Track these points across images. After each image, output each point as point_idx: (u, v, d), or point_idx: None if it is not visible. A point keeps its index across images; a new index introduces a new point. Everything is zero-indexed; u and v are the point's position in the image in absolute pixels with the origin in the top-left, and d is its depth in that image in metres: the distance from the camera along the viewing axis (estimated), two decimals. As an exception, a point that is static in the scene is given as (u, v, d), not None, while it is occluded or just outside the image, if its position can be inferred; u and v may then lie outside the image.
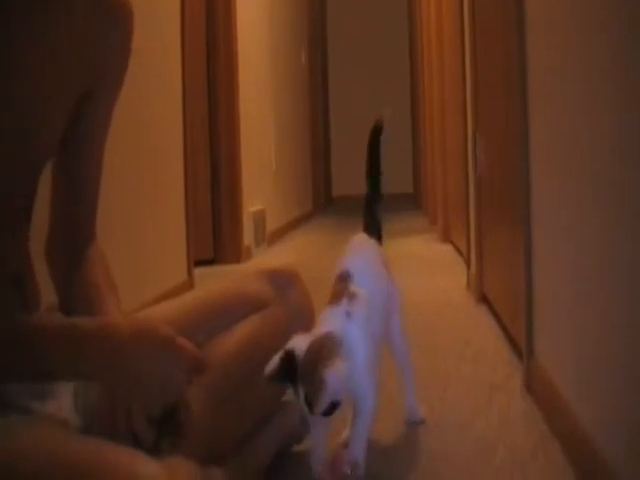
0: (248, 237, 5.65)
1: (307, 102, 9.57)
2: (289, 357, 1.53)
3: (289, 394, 1.61)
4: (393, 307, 1.92)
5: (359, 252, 1.86)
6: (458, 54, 4.28)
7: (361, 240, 1.92)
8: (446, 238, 6.11)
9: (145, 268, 3.54)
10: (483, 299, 3.59)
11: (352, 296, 1.66)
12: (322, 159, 10.74)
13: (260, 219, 6.07)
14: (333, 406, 1.55)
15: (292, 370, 1.53)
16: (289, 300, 1.69)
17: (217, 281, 1.81)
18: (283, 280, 1.71)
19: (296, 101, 8.67)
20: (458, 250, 5.35)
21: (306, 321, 1.71)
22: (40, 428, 1.12)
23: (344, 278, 1.68)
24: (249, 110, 5.88)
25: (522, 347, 2.40)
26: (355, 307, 1.65)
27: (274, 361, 1.53)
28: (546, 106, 2.04)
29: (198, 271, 4.45)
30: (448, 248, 5.73)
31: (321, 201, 10.28)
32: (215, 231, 5.38)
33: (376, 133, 2.05)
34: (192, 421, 1.28)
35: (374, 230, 1.96)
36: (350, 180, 12.07)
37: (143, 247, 3.52)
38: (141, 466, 0.96)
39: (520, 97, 2.33)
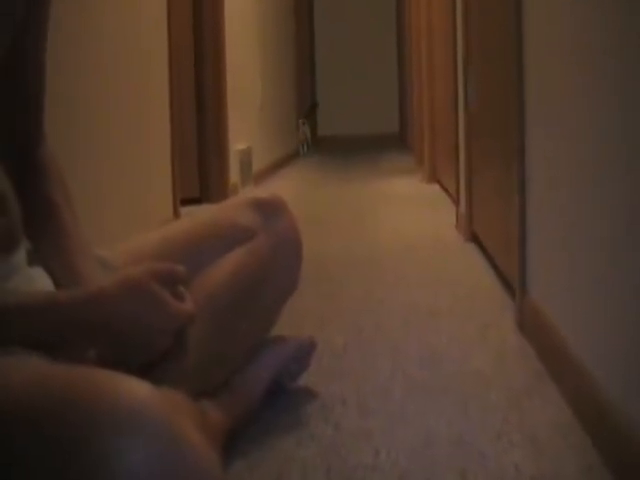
0: (234, 176, 5.60)
1: (293, 39, 9.45)
2: None
3: None
4: None
5: None
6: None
7: None
8: (433, 178, 6.07)
9: (131, 206, 3.50)
10: (473, 238, 3.57)
11: None
12: (308, 99, 10.64)
13: (246, 157, 6.01)
14: None
15: None
16: (276, 229, 1.67)
17: (204, 210, 1.77)
18: (270, 209, 1.68)
19: (282, 37, 8.56)
20: (446, 190, 5.32)
21: (293, 251, 1.68)
22: (14, 358, 1.07)
23: None
24: (235, 47, 5.80)
25: (514, 285, 2.37)
26: None
27: None
28: (542, 35, 1.99)
29: (185, 210, 4.42)
30: (435, 188, 5.70)
31: (306, 141, 10.20)
32: (201, 169, 5.32)
33: None
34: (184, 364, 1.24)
35: None
36: (335, 120, 12.01)
37: (129, 185, 3.48)
38: (135, 386, 0.92)
39: (515, 26, 2.26)
